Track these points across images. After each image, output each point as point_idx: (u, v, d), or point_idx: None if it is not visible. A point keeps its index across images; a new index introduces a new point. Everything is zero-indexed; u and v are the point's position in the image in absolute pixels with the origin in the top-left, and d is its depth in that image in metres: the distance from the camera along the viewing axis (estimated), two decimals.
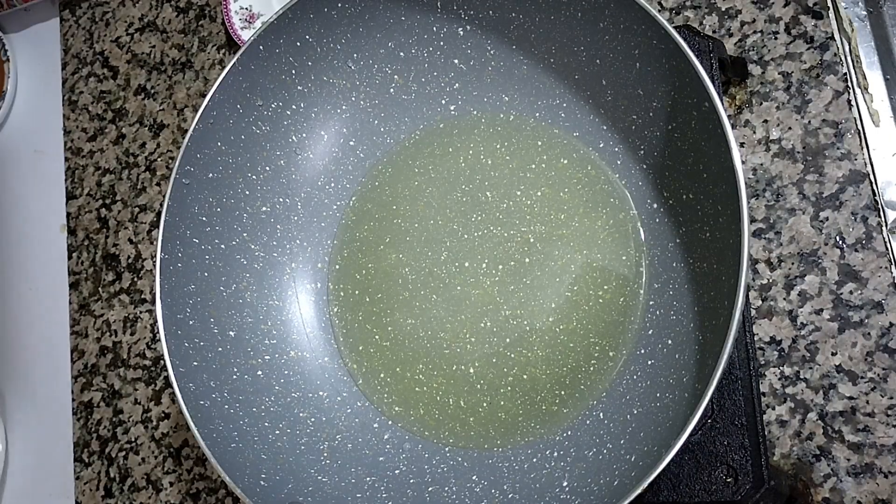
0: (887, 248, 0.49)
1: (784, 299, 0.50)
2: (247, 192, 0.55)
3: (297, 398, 0.53)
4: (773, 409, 0.49)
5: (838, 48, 0.52)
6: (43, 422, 0.75)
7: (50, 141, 0.85)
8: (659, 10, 0.52)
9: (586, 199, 0.53)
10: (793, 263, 0.51)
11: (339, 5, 0.52)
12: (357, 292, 0.56)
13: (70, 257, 0.81)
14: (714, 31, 0.56)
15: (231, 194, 0.54)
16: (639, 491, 0.38)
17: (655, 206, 0.50)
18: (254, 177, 0.55)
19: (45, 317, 0.79)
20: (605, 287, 0.51)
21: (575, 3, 0.48)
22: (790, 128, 0.52)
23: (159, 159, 0.77)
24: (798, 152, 0.52)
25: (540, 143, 0.54)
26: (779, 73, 0.53)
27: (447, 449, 0.51)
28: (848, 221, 0.50)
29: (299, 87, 0.54)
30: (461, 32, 0.53)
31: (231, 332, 0.53)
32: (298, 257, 0.57)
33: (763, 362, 0.50)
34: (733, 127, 0.53)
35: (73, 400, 0.73)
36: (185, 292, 0.51)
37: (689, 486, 0.44)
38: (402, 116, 0.57)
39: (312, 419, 0.52)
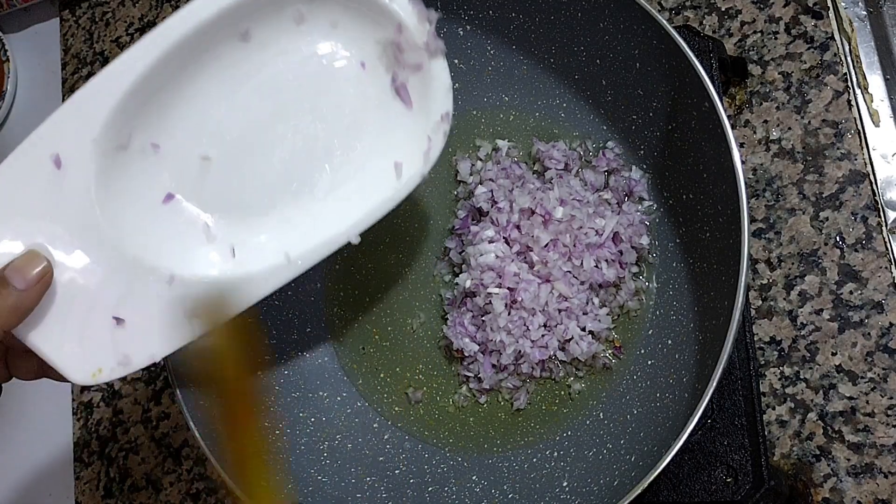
0: (887, 248, 0.49)
1: (784, 299, 0.50)
2: None
3: (296, 398, 0.53)
4: (773, 409, 0.49)
5: (838, 48, 0.52)
6: (43, 422, 0.74)
7: None
8: (659, 10, 0.52)
9: None
10: (793, 263, 0.51)
11: None
12: (357, 292, 0.56)
13: None
14: (714, 31, 0.56)
15: None
16: (639, 491, 0.38)
17: (655, 206, 0.50)
18: None
19: None
20: None
21: (575, 3, 0.48)
22: (790, 128, 0.52)
23: None
24: (798, 152, 0.52)
25: None
26: (779, 73, 0.53)
27: (447, 449, 0.51)
28: (848, 221, 0.50)
29: None
30: (461, 32, 0.53)
31: None
32: None
33: (763, 362, 0.50)
34: (733, 127, 0.53)
35: (73, 400, 0.73)
36: None
37: (689, 486, 0.44)
38: None
39: (312, 419, 0.52)
